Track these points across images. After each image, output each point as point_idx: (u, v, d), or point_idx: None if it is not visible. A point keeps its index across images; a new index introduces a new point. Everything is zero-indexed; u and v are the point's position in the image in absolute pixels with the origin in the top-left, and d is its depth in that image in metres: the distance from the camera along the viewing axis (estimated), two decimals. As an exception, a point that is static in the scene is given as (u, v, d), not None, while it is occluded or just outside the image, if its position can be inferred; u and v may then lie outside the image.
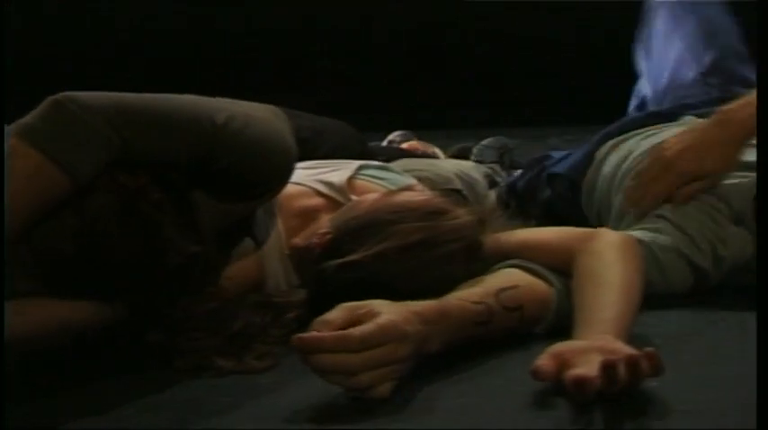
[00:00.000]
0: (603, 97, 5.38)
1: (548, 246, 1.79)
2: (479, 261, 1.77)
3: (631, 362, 1.35)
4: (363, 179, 2.10)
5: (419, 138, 3.71)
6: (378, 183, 2.08)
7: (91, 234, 1.55)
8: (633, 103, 3.05)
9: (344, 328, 1.42)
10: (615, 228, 2.24)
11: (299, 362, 1.60)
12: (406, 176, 2.19)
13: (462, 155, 3.46)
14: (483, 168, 2.90)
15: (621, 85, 5.43)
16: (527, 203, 2.79)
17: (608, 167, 2.44)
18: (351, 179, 2.09)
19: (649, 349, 1.39)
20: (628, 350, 1.41)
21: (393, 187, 2.03)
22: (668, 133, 2.37)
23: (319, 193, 2.05)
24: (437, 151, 3.33)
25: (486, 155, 3.30)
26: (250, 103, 1.93)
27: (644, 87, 2.96)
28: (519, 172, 3.23)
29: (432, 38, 5.62)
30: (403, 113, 5.26)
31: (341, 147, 2.51)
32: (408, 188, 1.93)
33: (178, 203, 1.65)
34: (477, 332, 1.59)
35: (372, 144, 3.28)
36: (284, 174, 1.85)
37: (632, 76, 5.40)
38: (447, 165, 2.63)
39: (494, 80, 5.58)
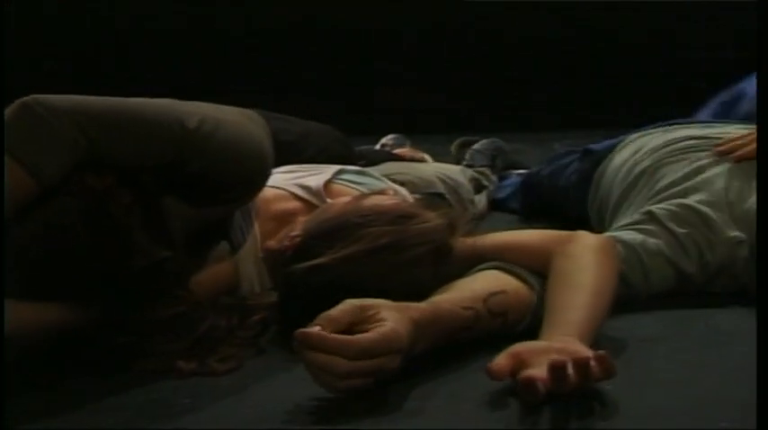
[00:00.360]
0: (606, 101, 5.48)
1: (527, 248, 1.84)
2: (448, 264, 1.82)
3: (580, 364, 1.40)
4: (340, 183, 2.16)
5: (414, 142, 3.78)
6: (355, 188, 2.13)
7: (56, 236, 1.60)
8: (722, 98, 3.07)
9: (347, 326, 1.47)
10: (610, 222, 2.30)
11: (262, 365, 1.68)
12: (384, 181, 2.24)
13: (466, 146, 3.55)
14: (470, 172, 2.96)
15: (623, 89, 5.51)
16: (544, 191, 2.85)
17: (619, 159, 2.50)
18: (328, 183, 2.14)
19: (600, 352, 1.44)
20: (586, 352, 1.46)
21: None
22: (687, 131, 2.43)
23: (296, 197, 2.11)
24: (426, 157, 3.39)
25: (477, 159, 3.37)
26: (225, 107, 1.97)
27: (751, 86, 2.97)
28: (521, 171, 3.31)
29: (432, 38, 5.69)
30: (403, 116, 5.32)
31: (325, 150, 2.57)
32: (380, 192, 1.98)
33: (148, 207, 1.70)
34: (461, 336, 1.64)
35: (364, 147, 3.36)
36: (258, 179, 1.90)
37: (634, 79, 5.47)
38: (430, 169, 2.69)
39: (494, 82, 5.63)
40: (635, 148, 2.48)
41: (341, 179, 2.18)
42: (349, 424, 1.42)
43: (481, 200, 2.98)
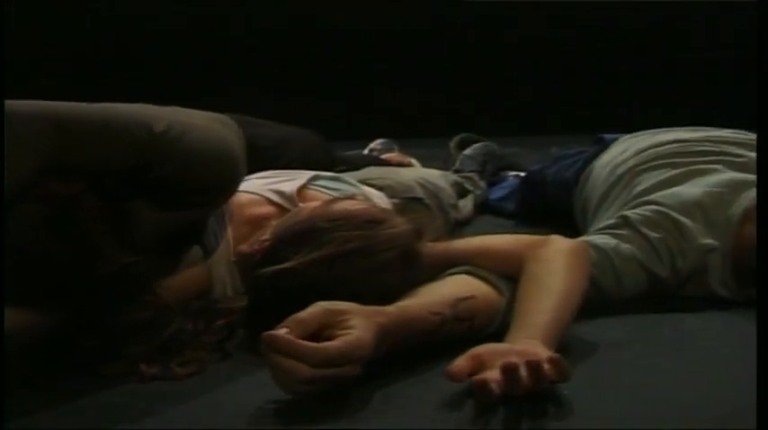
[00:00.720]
0: (607, 102, 5.50)
1: (499, 253, 1.89)
2: (417, 269, 1.86)
3: (532, 366, 1.45)
4: (314, 189, 2.21)
5: (415, 145, 3.83)
6: (328, 194, 2.18)
7: (21, 242, 1.62)
8: None
9: (316, 329, 1.52)
10: (591, 222, 2.37)
11: (227, 369, 1.72)
12: (358, 187, 2.29)
13: (465, 144, 3.61)
14: (452, 177, 3.01)
15: (623, 90, 5.54)
16: (547, 189, 2.91)
17: (606, 158, 2.59)
18: (302, 188, 2.19)
19: (554, 355, 1.50)
20: (543, 354, 1.51)
21: (341, 197, 2.13)
22: (674, 134, 2.50)
23: (270, 202, 2.16)
24: (413, 161, 3.44)
25: (466, 164, 3.43)
26: (197, 112, 2.02)
27: None
28: (517, 173, 3.36)
29: (432, 38, 5.73)
30: (403, 118, 5.38)
31: (304, 155, 2.63)
32: (350, 197, 2.02)
33: (115, 211, 1.74)
34: (427, 340, 1.69)
35: (352, 152, 3.42)
36: (228, 183, 1.93)
37: (635, 79, 5.49)
38: (409, 174, 2.74)
39: (494, 83, 5.67)
40: (622, 149, 2.55)
41: (315, 185, 2.23)
42: (307, 425, 1.48)
43: (466, 204, 3.04)
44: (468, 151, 3.58)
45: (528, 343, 1.58)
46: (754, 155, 2.30)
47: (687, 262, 2.07)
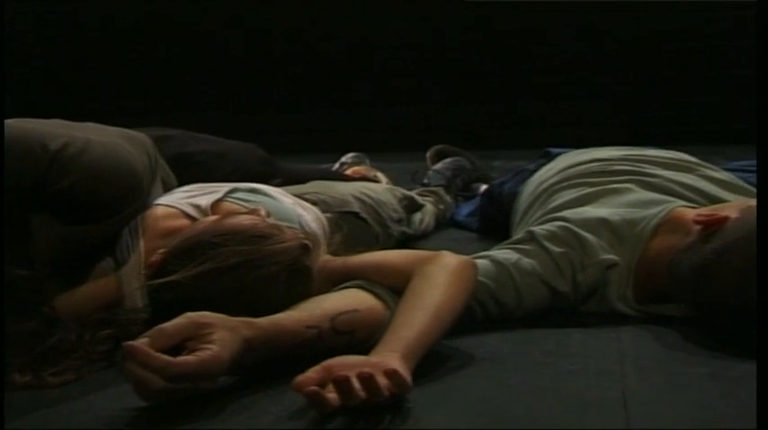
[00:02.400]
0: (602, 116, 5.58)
1: (390, 268, 2.03)
2: (306, 283, 2.00)
3: (364, 378, 1.59)
4: (230, 202, 2.35)
5: (374, 160, 3.97)
6: (244, 206, 2.32)
7: None
8: None
9: (179, 342, 1.67)
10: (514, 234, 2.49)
11: (106, 378, 1.87)
12: (278, 200, 2.43)
13: (442, 155, 3.75)
14: (400, 191, 3.13)
15: (631, 99, 5.60)
16: (503, 201, 3.04)
17: (537, 174, 2.75)
18: (217, 202, 2.33)
19: (390, 367, 1.63)
20: (392, 367, 1.64)
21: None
22: (594, 153, 2.67)
23: (186, 215, 2.29)
24: (379, 175, 3.58)
25: (434, 179, 3.56)
26: (106, 128, 2.19)
27: None
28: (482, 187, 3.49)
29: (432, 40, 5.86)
30: (402, 130, 5.49)
31: (241, 169, 2.77)
32: (251, 211, 2.15)
33: (9, 226, 1.91)
34: (302, 352, 1.81)
35: (325, 166, 3.56)
36: (129, 197, 2.10)
37: (643, 87, 5.55)
38: (348, 188, 2.86)
39: (496, 91, 5.77)
40: (551, 166, 2.69)
41: (232, 197, 2.36)
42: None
43: (423, 219, 3.17)
44: (437, 166, 3.72)
45: (386, 355, 1.71)
46: (667, 173, 2.45)
47: (587, 276, 2.19)
